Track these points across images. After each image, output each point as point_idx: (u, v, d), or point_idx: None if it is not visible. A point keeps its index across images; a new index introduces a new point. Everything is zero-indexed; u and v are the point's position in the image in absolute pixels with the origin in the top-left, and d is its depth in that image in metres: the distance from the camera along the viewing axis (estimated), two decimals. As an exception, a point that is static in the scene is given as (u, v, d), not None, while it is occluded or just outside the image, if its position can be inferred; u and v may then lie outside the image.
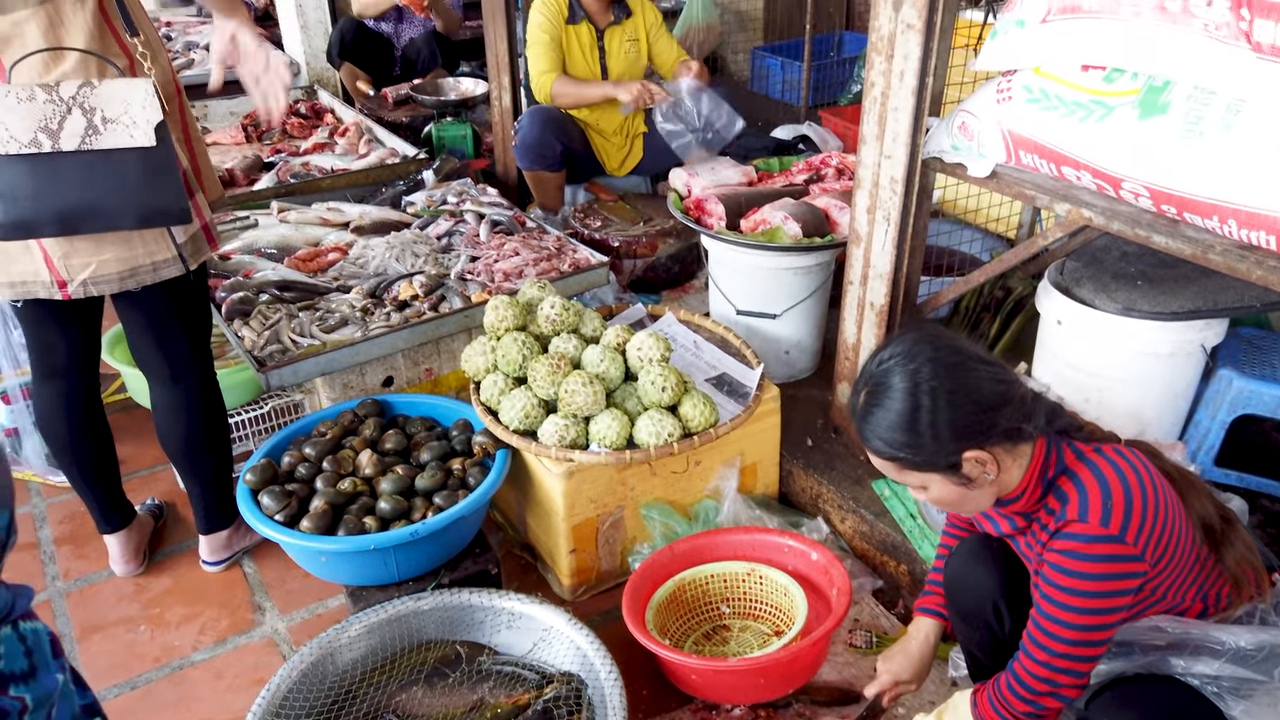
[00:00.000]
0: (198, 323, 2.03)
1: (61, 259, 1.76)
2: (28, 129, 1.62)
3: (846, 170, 2.91)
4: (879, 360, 1.42)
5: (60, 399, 2.03)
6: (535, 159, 3.34)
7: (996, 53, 1.87)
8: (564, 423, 2.03)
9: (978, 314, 2.58)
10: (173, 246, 1.83)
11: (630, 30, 3.38)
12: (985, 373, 1.38)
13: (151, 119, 1.66)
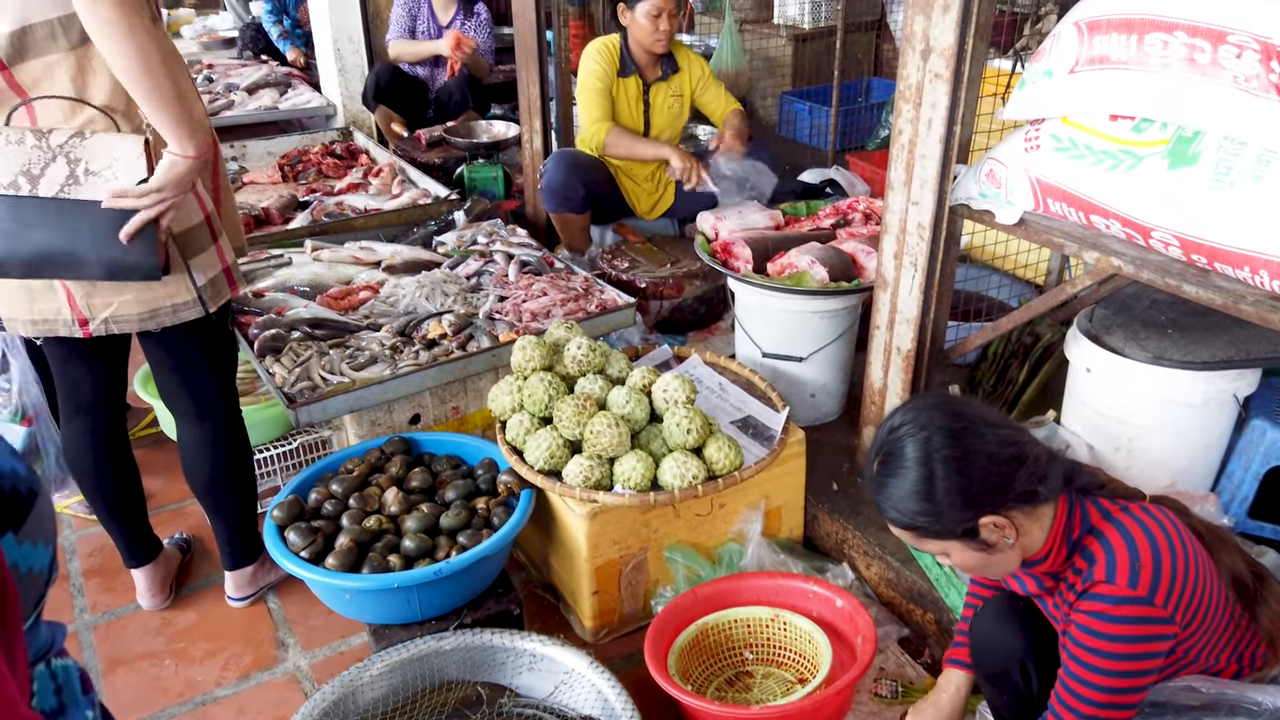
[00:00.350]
0: (222, 361, 2.06)
1: (84, 298, 1.79)
2: (10, 170, 1.62)
3: (874, 215, 2.92)
4: (890, 428, 1.42)
5: (87, 436, 2.07)
6: (560, 201, 3.39)
7: (1024, 102, 1.88)
8: (589, 463, 2.04)
9: (1006, 360, 2.56)
10: (193, 289, 1.86)
11: (676, 86, 3.45)
12: (995, 436, 1.37)
13: (134, 176, 1.64)
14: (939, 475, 1.34)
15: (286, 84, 5.22)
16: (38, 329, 1.84)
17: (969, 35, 1.86)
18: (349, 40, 4.82)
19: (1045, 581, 1.47)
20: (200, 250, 1.86)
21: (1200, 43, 1.56)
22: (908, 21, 1.95)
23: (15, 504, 0.68)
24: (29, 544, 0.70)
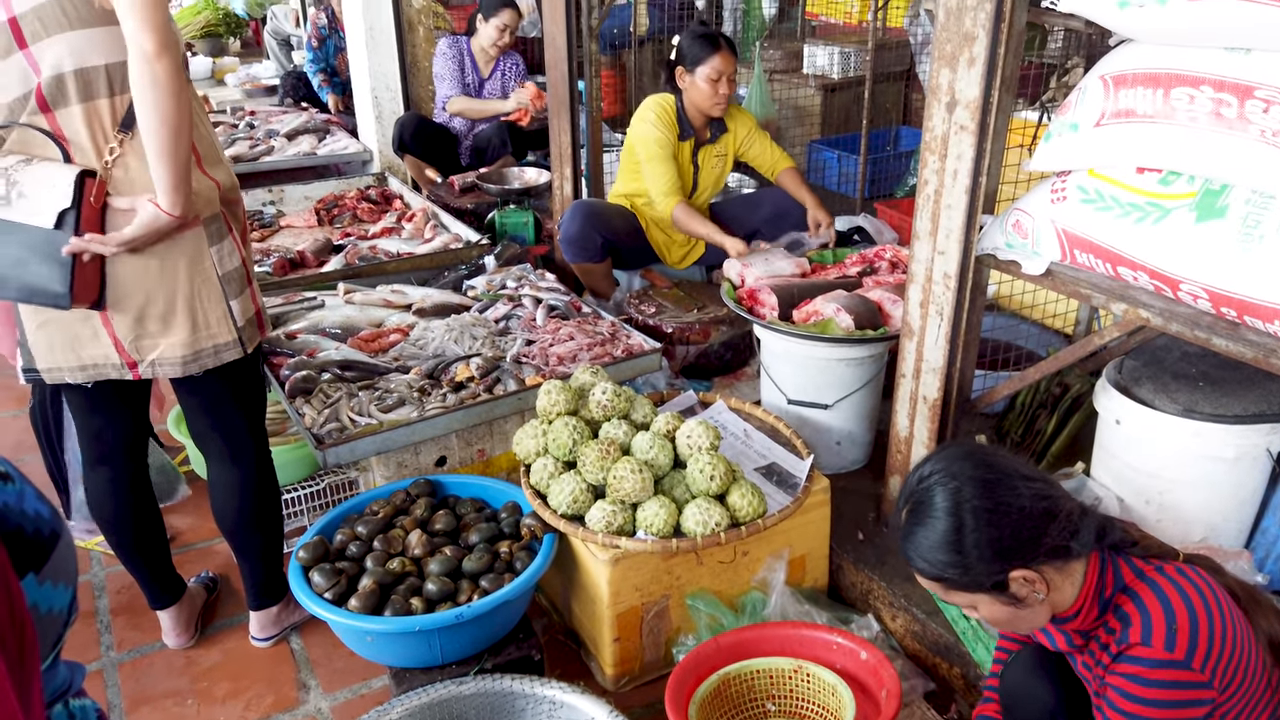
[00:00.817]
0: (253, 405, 2.09)
1: (132, 342, 1.84)
2: None
3: (900, 263, 2.92)
4: (919, 477, 1.41)
5: (109, 484, 2.10)
6: (578, 251, 3.43)
7: (1050, 154, 1.89)
8: (612, 509, 2.04)
9: (1034, 411, 2.54)
10: (234, 330, 1.90)
11: (722, 146, 3.51)
12: (1028, 489, 1.35)
13: (59, 204, 1.66)
14: (969, 526, 1.33)
15: (325, 130, 5.35)
16: (86, 374, 1.88)
17: (994, 88, 1.88)
18: (386, 89, 4.94)
19: (1075, 639, 1.44)
20: (239, 293, 1.92)
21: (1227, 97, 1.57)
22: (933, 75, 1.97)
23: (38, 546, 0.70)
24: (49, 585, 0.71)
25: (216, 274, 1.86)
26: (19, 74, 1.70)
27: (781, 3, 5.94)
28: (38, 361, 1.88)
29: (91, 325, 1.83)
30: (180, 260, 1.82)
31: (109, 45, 1.69)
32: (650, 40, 5.87)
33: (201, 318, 1.86)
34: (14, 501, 0.70)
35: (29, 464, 3.02)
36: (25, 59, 1.69)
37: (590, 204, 3.48)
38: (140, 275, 1.79)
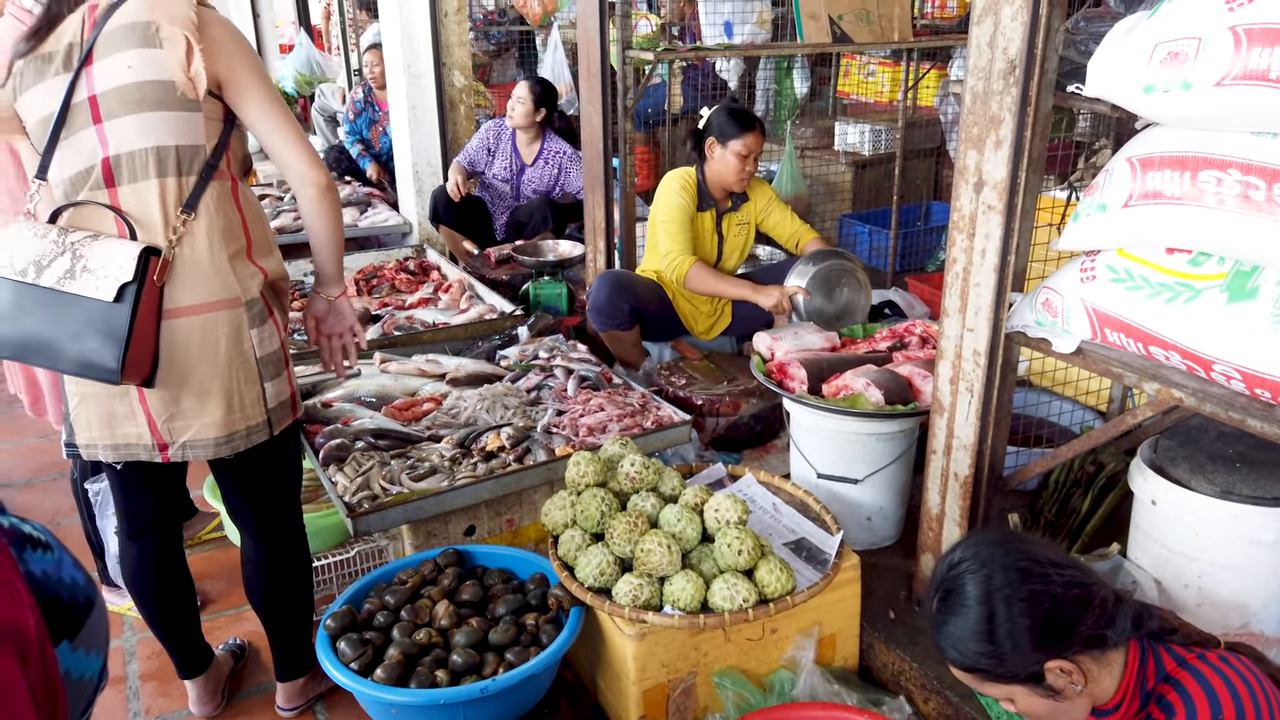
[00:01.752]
0: (286, 483, 2.11)
1: (165, 422, 1.84)
2: (25, 259, 1.71)
3: (931, 338, 2.93)
4: (949, 564, 1.40)
5: (145, 557, 2.12)
6: (605, 320, 3.48)
7: (1079, 234, 1.90)
8: (639, 582, 2.03)
9: (1068, 489, 2.50)
10: (264, 411, 1.91)
11: (744, 215, 3.58)
12: (1060, 576, 1.33)
13: (120, 278, 1.69)
14: (1001, 615, 1.31)
15: (367, 203, 5.50)
16: (118, 454, 1.89)
17: (1021, 169, 1.90)
18: (427, 164, 5.09)
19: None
20: (274, 376, 1.93)
21: (1255, 180, 1.58)
22: (960, 155, 2.00)
23: (74, 613, 0.71)
24: (82, 652, 0.72)
25: (255, 356, 1.87)
26: (88, 148, 1.76)
27: (813, 81, 6.07)
28: (77, 436, 1.90)
29: (129, 402, 1.84)
30: (220, 340, 1.83)
31: (181, 129, 1.77)
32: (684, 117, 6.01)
33: (236, 399, 1.87)
34: (52, 569, 0.71)
35: (67, 527, 3.08)
36: (97, 134, 1.76)
37: (618, 273, 3.54)
38: (180, 354, 1.80)
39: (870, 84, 6.03)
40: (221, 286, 1.81)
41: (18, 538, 0.68)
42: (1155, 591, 2.01)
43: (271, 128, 1.84)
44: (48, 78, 1.78)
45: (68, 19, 1.79)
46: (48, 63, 1.78)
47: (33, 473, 3.57)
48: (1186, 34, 1.58)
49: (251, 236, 1.89)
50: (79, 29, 1.78)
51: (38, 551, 0.71)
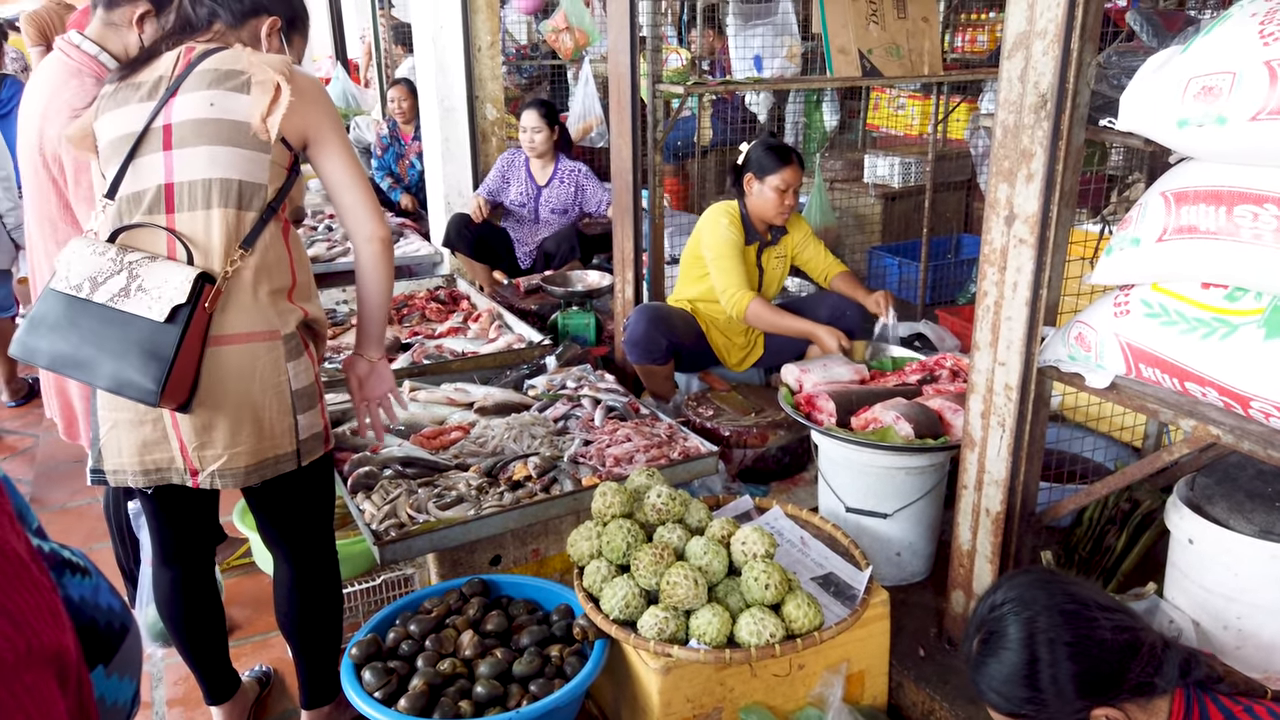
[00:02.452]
0: (318, 511, 2.11)
1: (196, 450, 1.85)
2: (82, 274, 1.74)
3: (962, 372, 2.90)
4: (991, 605, 1.36)
5: (174, 583, 2.13)
6: (643, 354, 3.48)
7: (1112, 268, 1.88)
8: (664, 615, 2.01)
9: (1103, 526, 2.46)
10: (294, 442, 1.91)
11: (782, 248, 3.61)
12: (1108, 621, 1.29)
13: (175, 300, 1.71)
14: (1044, 660, 1.27)
15: (399, 233, 5.57)
16: (149, 479, 1.89)
17: (1053, 203, 1.89)
18: (459, 195, 5.15)
19: None
20: (307, 409, 1.93)
21: (1291, 214, 1.56)
22: (990, 188, 2.00)
23: (109, 639, 0.72)
24: (116, 678, 0.73)
25: (290, 388, 1.88)
26: (152, 172, 1.81)
27: (843, 115, 6.09)
28: (105, 463, 1.90)
29: (162, 428, 1.85)
30: (257, 371, 1.84)
31: (247, 166, 1.81)
32: (713, 149, 6.04)
33: (268, 429, 1.88)
34: (90, 595, 0.72)
35: (100, 552, 3.11)
36: (164, 160, 1.81)
37: (656, 307, 3.55)
38: (217, 382, 1.82)
39: (900, 117, 6.03)
40: (262, 319, 1.84)
41: (58, 562, 0.69)
42: (1193, 633, 1.96)
43: (344, 183, 1.92)
44: (131, 103, 1.85)
45: (164, 56, 1.88)
46: (134, 90, 1.86)
47: (68, 497, 3.62)
48: (1221, 69, 1.57)
49: (297, 279, 1.92)
50: (172, 65, 1.86)
51: (76, 577, 0.72)
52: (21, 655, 0.50)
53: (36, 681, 0.51)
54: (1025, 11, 1.85)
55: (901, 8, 4.16)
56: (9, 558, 0.52)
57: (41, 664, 0.52)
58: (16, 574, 0.52)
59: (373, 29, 7.87)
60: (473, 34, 4.86)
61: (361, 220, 1.95)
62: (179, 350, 1.72)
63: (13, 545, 0.53)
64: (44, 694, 0.51)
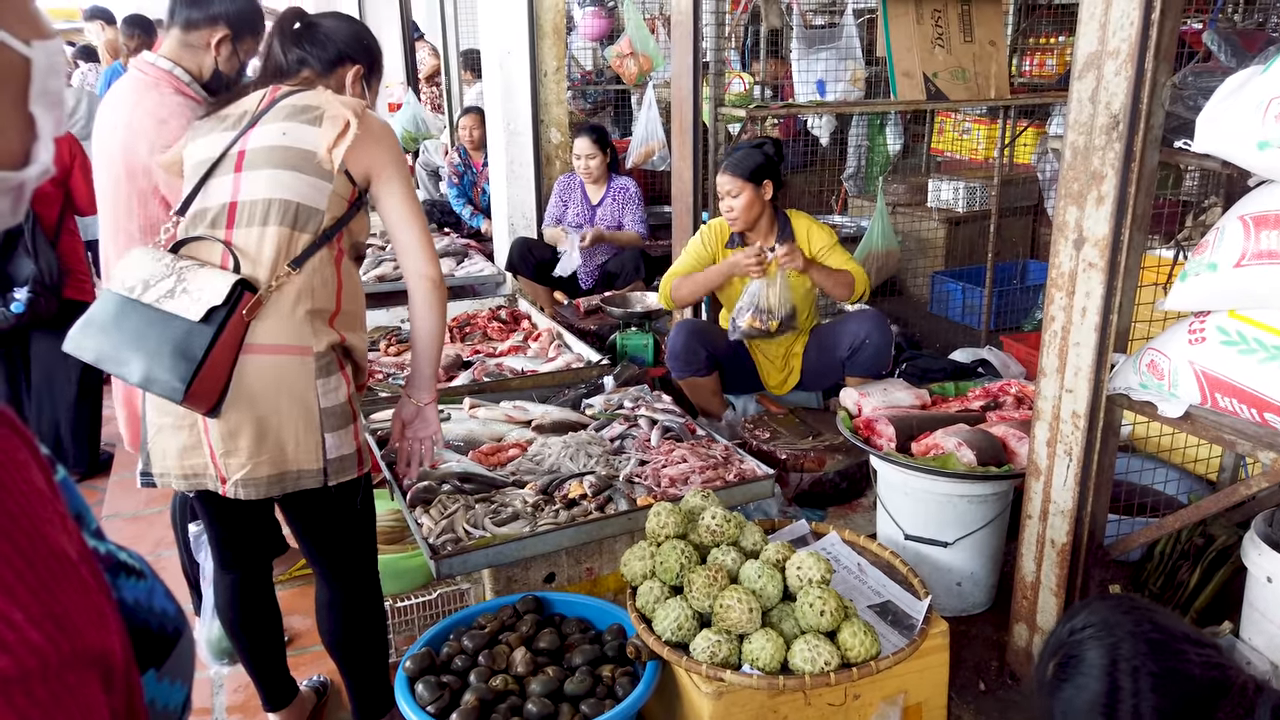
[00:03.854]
0: (354, 533, 2.10)
1: (223, 457, 1.87)
2: (136, 278, 1.81)
3: (1027, 398, 2.84)
4: (1070, 629, 1.30)
5: (234, 589, 2.17)
6: (683, 366, 3.46)
7: (1187, 294, 1.83)
8: (717, 639, 1.99)
9: (1175, 561, 2.37)
10: (321, 460, 1.91)
11: None
12: (1198, 655, 1.23)
13: (211, 301, 1.76)
14: (1126, 689, 1.21)
15: (464, 254, 5.66)
16: (189, 483, 1.93)
17: (1125, 226, 1.85)
18: (522, 217, 5.22)
19: None
20: (337, 428, 1.93)
21: (1379, 239, 1.50)
22: (1059, 211, 1.96)
23: (162, 642, 0.72)
24: (168, 682, 0.73)
25: (318, 405, 1.89)
26: (221, 192, 1.91)
27: (906, 139, 6.04)
28: (152, 465, 1.95)
29: (196, 433, 1.89)
30: (285, 384, 1.86)
31: (307, 192, 1.88)
32: (775, 173, 6.02)
33: (292, 444, 1.88)
34: (144, 598, 0.72)
35: (167, 559, 3.20)
36: (233, 181, 1.90)
37: (694, 320, 3.54)
38: (245, 391, 1.84)
39: (965, 141, 5.96)
40: (295, 334, 1.87)
41: (113, 564, 0.70)
42: (1273, 676, 1.87)
43: (402, 222, 1.98)
44: (215, 133, 1.96)
45: (253, 94, 2.00)
46: (221, 121, 1.98)
47: (141, 505, 3.73)
48: (1303, 88, 1.52)
49: (342, 307, 1.95)
50: (257, 102, 1.97)
51: (131, 579, 0.72)
52: (65, 656, 0.50)
53: (79, 682, 0.51)
54: (1097, 31, 1.82)
55: (968, 31, 4.12)
56: (57, 557, 0.53)
57: (85, 665, 0.52)
58: (64, 574, 0.53)
59: (442, 57, 8.06)
60: (539, 59, 4.94)
61: (415, 259, 1.99)
62: (209, 352, 1.75)
63: (61, 545, 0.54)
64: (87, 695, 0.52)
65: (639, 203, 5.00)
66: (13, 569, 0.50)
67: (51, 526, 0.54)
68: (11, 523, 0.51)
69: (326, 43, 2.04)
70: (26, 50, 0.62)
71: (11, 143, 0.63)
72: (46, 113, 0.64)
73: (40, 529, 0.53)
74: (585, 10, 6.79)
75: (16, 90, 0.62)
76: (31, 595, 0.50)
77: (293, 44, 2.03)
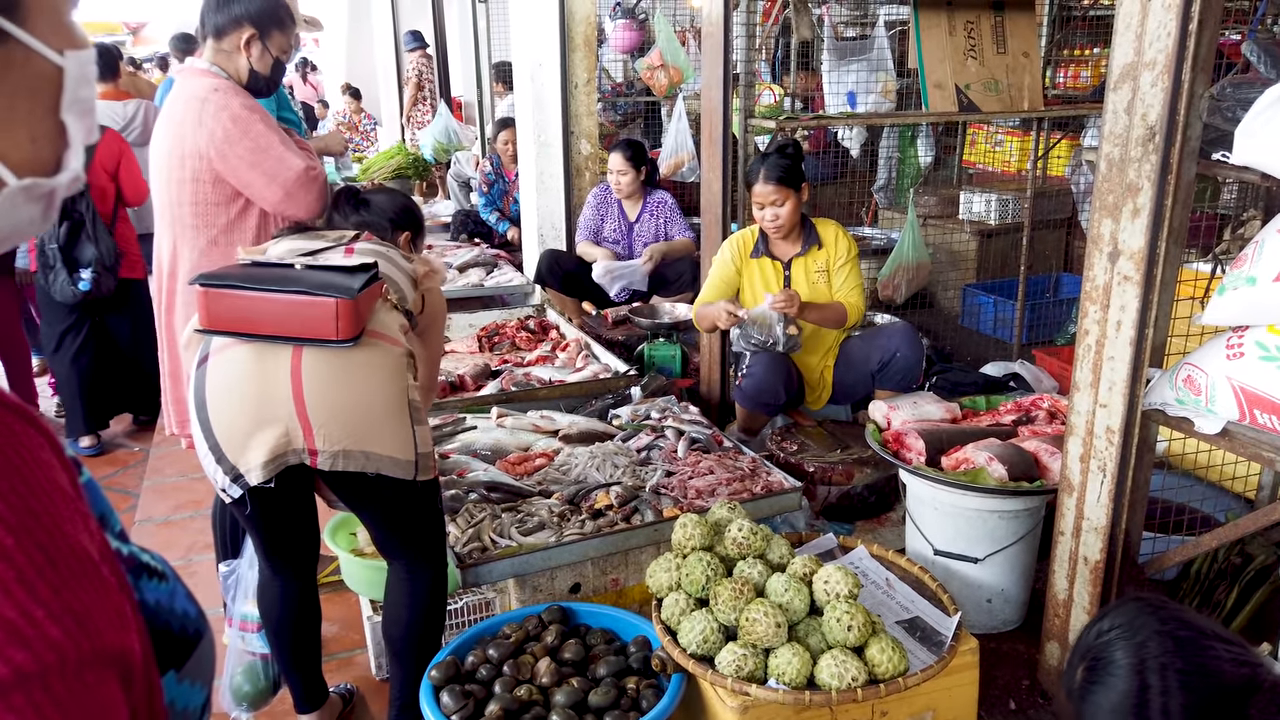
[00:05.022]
0: (434, 530, 2.16)
1: (321, 428, 1.92)
2: (288, 250, 2.03)
3: (1059, 413, 2.80)
4: (1097, 632, 1.28)
5: (280, 594, 2.21)
6: (759, 405, 3.44)
7: (1225, 308, 1.80)
8: (743, 652, 1.97)
9: (1212, 581, 2.32)
10: (413, 451, 1.99)
11: (820, 261, 3.46)
12: (1226, 652, 1.21)
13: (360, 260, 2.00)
14: (1155, 688, 1.19)
15: (493, 264, 5.70)
16: (268, 469, 1.95)
17: (1161, 239, 1.82)
18: (552, 227, 5.24)
19: None
20: (421, 424, 2.03)
21: None
22: (1093, 224, 1.93)
23: (183, 644, 0.73)
24: (188, 683, 0.74)
25: (408, 395, 2.00)
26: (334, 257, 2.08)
27: (938, 151, 6.00)
28: (239, 465, 1.96)
29: (288, 407, 1.92)
30: (385, 367, 1.98)
31: (404, 285, 2.13)
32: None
33: (389, 426, 1.96)
34: (165, 600, 0.73)
35: (198, 564, 3.23)
36: (340, 252, 2.07)
37: (778, 358, 3.39)
38: (356, 366, 1.95)
39: (997, 153, 5.91)
40: (393, 330, 2.03)
41: (135, 566, 0.71)
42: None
43: (431, 355, 2.27)
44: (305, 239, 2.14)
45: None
46: (308, 234, 2.20)
47: (172, 510, 3.78)
48: (1345, 99, 1.50)
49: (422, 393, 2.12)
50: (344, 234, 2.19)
51: (153, 581, 0.73)
52: (84, 653, 0.51)
53: (98, 680, 0.52)
54: (1133, 42, 1.79)
55: (1001, 43, 4.09)
56: (78, 556, 0.53)
57: (104, 664, 0.52)
58: (85, 573, 0.53)
59: (475, 73, 8.14)
60: (570, 71, 4.97)
61: (427, 381, 2.23)
62: (367, 284, 1.93)
63: (83, 544, 0.54)
64: (105, 693, 0.52)
65: (679, 212, 5.00)
66: (34, 566, 0.50)
67: (73, 526, 0.54)
68: (34, 520, 0.51)
69: (380, 214, 2.32)
70: (60, 60, 0.63)
71: (43, 150, 0.64)
72: (78, 121, 0.65)
73: (62, 527, 0.53)
74: (616, 23, 6.83)
75: (49, 99, 0.64)
76: (52, 592, 0.50)
77: (352, 211, 2.31)
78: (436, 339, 2.32)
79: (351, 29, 11.88)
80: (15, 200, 0.62)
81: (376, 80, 11.28)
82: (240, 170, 2.41)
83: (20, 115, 0.62)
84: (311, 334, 1.92)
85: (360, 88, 10.69)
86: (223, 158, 2.39)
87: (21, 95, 0.61)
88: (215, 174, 2.42)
